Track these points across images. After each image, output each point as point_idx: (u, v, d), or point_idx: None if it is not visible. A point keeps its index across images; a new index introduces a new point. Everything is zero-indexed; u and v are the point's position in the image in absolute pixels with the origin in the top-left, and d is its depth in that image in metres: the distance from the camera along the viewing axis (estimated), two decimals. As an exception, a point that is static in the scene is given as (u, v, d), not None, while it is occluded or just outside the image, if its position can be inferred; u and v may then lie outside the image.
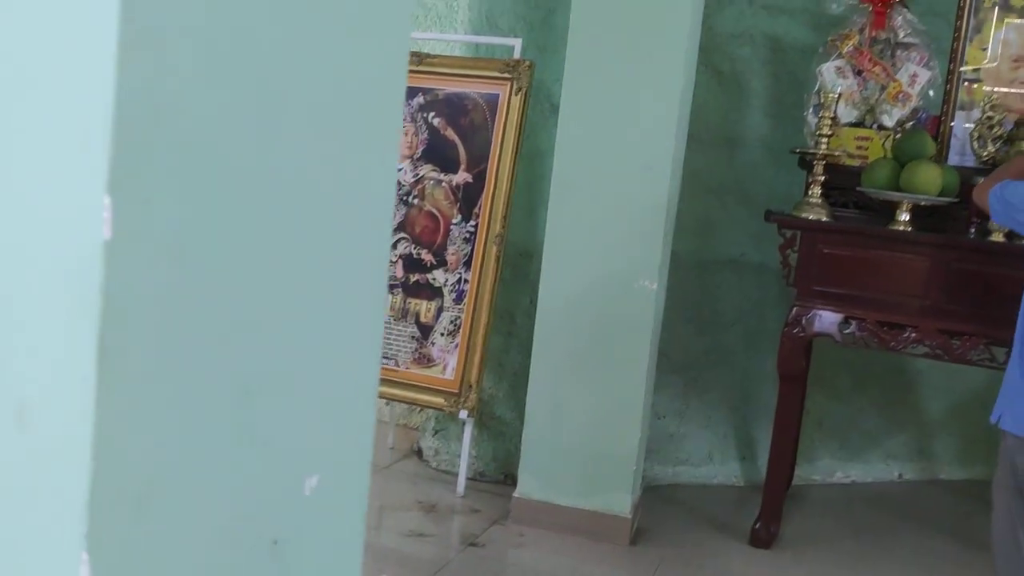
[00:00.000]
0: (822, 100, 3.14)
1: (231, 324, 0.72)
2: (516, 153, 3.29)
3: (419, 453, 3.75)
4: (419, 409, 3.84)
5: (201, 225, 0.67)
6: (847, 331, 2.99)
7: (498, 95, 3.32)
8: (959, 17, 3.28)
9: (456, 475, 3.43)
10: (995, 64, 3.25)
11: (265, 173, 0.74)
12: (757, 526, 3.17)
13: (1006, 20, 3.24)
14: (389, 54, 0.92)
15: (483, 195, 3.31)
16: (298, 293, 0.81)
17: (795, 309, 3.04)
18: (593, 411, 3.08)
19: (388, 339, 3.42)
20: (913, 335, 2.93)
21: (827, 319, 3.01)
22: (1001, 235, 2.91)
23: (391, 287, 3.44)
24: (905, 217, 2.99)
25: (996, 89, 3.17)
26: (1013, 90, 3.20)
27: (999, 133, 3.05)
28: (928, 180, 2.95)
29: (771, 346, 3.22)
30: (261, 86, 0.72)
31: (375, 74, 0.90)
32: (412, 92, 3.43)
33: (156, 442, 0.65)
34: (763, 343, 3.75)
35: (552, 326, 3.10)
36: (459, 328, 3.33)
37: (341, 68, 0.84)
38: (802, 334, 3.03)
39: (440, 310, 3.37)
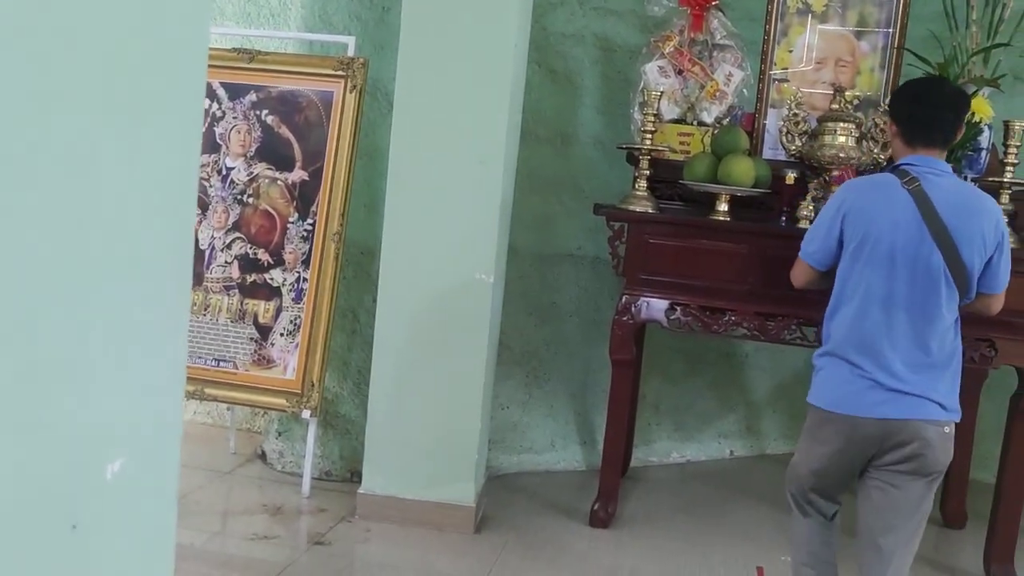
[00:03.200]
0: (646, 98, 3.30)
1: (6, 313, 0.72)
2: (353, 150, 3.29)
3: (263, 457, 3.70)
4: (262, 412, 3.78)
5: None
6: (673, 317, 3.15)
7: (332, 92, 3.31)
8: (768, 21, 3.51)
9: (302, 476, 3.40)
10: (800, 65, 3.50)
11: (51, 167, 0.74)
12: (595, 507, 3.29)
13: (810, 25, 3.49)
14: (185, 47, 0.93)
15: (320, 193, 3.30)
16: (88, 279, 0.82)
17: (624, 297, 3.18)
18: (435, 404, 3.13)
19: (226, 341, 3.35)
20: (733, 318, 3.12)
21: (654, 306, 3.16)
22: (808, 222, 3.13)
23: (227, 288, 3.37)
24: (724, 208, 3.18)
25: (801, 88, 3.42)
26: (816, 91, 3.46)
27: (804, 129, 3.29)
28: (743, 172, 3.15)
29: (607, 335, 3.35)
30: (41, 76, 0.73)
31: (169, 66, 0.91)
32: (244, 89, 3.38)
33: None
34: (600, 332, 3.90)
35: (392, 322, 3.13)
36: (299, 328, 3.30)
37: (131, 59, 0.85)
38: (631, 321, 3.17)
39: (279, 310, 3.33)
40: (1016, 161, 3.10)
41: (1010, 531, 3.04)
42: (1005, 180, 3.10)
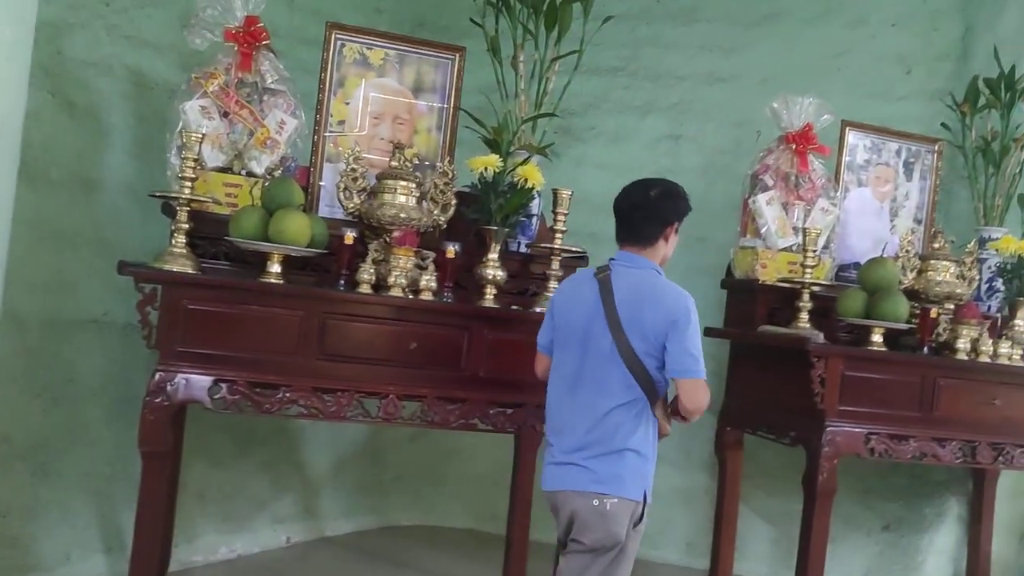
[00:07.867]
0: (185, 140, 2.84)
1: None
2: None
3: None
4: None
5: None
6: (218, 396, 2.70)
7: None
8: (323, 69, 3.26)
9: None
10: (357, 119, 3.29)
11: None
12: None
13: (366, 77, 3.30)
14: None
15: None
16: None
17: (158, 375, 2.66)
18: None
19: None
20: (288, 395, 2.76)
21: (195, 384, 2.69)
22: (369, 286, 2.89)
23: None
24: (276, 268, 2.82)
25: (359, 144, 3.20)
26: (374, 147, 3.27)
27: (364, 186, 3.07)
28: (297, 230, 2.82)
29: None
30: None
31: None
32: None
33: None
34: (132, 413, 3.23)
35: None
36: None
37: None
38: (166, 403, 2.65)
39: None
40: (565, 228, 3.17)
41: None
42: (555, 247, 3.15)
